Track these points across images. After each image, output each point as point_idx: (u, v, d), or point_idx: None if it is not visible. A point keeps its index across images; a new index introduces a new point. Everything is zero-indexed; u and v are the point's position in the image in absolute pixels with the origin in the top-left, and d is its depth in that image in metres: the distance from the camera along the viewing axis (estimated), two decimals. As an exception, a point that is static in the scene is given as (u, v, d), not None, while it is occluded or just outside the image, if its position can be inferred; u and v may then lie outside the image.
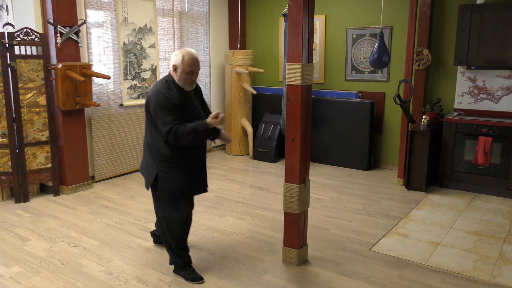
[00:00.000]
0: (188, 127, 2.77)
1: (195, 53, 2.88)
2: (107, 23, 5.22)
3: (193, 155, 2.97)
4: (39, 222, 4.08)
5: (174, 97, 2.82)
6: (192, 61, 2.84)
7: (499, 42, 4.73)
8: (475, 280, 3.07)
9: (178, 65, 2.85)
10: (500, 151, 4.75)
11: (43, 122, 4.69)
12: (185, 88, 2.91)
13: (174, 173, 2.92)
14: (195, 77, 2.89)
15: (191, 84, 2.91)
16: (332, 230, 3.94)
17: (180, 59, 2.84)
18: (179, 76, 2.86)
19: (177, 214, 3.03)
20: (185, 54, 2.84)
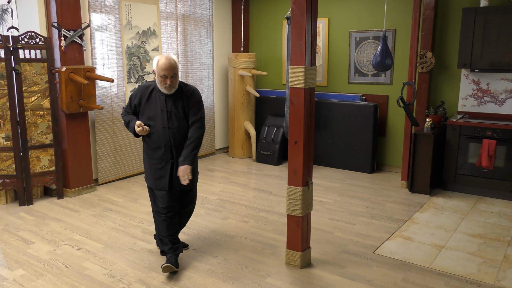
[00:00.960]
0: (126, 118, 3.19)
1: (172, 58, 3.00)
2: (111, 26, 5.24)
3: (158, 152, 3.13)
4: (42, 225, 4.09)
5: (141, 94, 3.13)
6: (164, 66, 2.96)
7: (503, 45, 4.72)
8: (480, 284, 3.05)
9: (155, 69, 3.02)
10: (504, 154, 4.73)
11: (47, 125, 4.70)
12: (163, 91, 3.07)
13: (146, 162, 3.23)
14: (170, 81, 3.00)
15: (169, 88, 3.03)
16: (335, 233, 3.93)
17: (156, 63, 3.00)
18: (157, 79, 3.04)
19: (154, 205, 3.29)
20: (160, 58, 3.00)
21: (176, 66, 3.02)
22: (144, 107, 3.15)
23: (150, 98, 3.13)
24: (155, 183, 3.18)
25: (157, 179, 3.17)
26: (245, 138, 6.75)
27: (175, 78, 3.03)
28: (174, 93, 3.11)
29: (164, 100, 3.10)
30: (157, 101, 3.11)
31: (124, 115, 3.27)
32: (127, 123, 3.20)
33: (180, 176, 3.04)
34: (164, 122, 3.09)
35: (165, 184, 3.15)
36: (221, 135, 7.17)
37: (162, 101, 3.10)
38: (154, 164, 3.17)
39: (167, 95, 3.10)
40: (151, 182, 3.21)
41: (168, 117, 3.10)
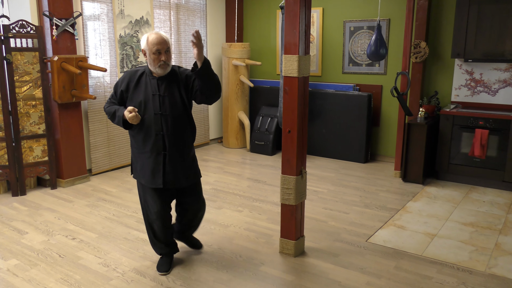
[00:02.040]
0: (111, 108, 2.87)
1: (162, 33, 2.75)
2: (103, 15, 5.19)
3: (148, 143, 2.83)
4: (36, 215, 4.08)
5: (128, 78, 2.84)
6: (156, 40, 2.69)
7: (497, 35, 4.73)
8: (471, 271, 3.09)
9: (145, 48, 2.73)
10: (496, 143, 4.76)
11: (40, 115, 4.67)
12: (157, 72, 2.76)
13: (136, 159, 2.94)
14: (165, 57, 2.72)
15: (164, 66, 2.74)
16: (329, 222, 3.96)
17: (145, 40, 2.72)
18: (149, 59, 2.74)
19: (145, 207, 3.02)
20: (150, 35, 2.73)
21: (168, 40, 2.76)
22: (133, 92, 2.82)
23: (140, 82, 2.82)
24: (149, 181, 2.86)
25: (151, 176, 2.85)
26: (239, 128, 6.75)
27: (169, 53, 2.76)
28: (167, 76, 2.81)
29: (156, 83, 2.80)
30: (148, 85, 2.80)
31: (107, 106, 2.91)
32: (112, 113, 2.85)
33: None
34: (156, 108, 2.78)
35: (159, 180, 2.85)
36: (215, 125, 7.16)
37: (154, 85, 2.80)
38: (145, 158, 2.85)
39: (159, 79, 2.80)
40: (146, 179, 2.87)
41: (161, 102, 2.78)
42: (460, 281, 2.96)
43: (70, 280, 2.94)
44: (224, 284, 2.91)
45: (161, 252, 3.12)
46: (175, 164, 2.87)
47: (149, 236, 3.09)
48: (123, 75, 2.91)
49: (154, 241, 3.09)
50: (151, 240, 3.11)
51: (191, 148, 2.98)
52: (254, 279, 2.98)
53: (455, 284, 2.92)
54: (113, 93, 2.93)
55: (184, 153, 2.91)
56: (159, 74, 2.79)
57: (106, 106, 2.94)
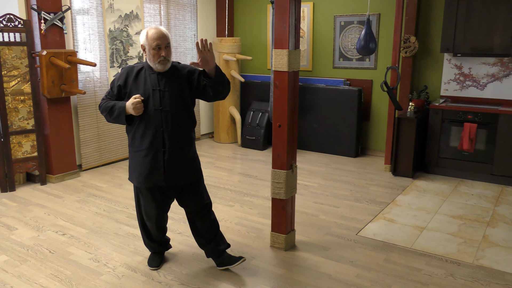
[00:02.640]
0: (108, 104, 2.72)
1: (162, 28, 2.66)
2: (93, 9, 5.15)
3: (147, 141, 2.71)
4: (25, 211, 4.06)
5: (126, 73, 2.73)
6: (156, 35, 2.60)
7: (485, 29, 4.77)
8: (459, 263, 3.13)
9: (145, 44, 2.64)
10: (485, 137, 4.82)
11: (28, 110, 4.63)
12: (157, 68, 2.67)
13: (132, 158, 2.81)
14: (165, 53, 2.63)
15: (164, 62, 2.65)
16: (319, 215, 3.98)
17: (145, 36, 2.63)
18: (148, 55, 2.65)
19: (139, 209, 2.95)
20: (149, 30, 2.63)
21: (168, 35, 2.67)
22: (131, 87, 2.71)
23: (138, 77, 2.71)
24: (145, 179, 2.73)
25: (147, 174, 2.72)
26: (230, 123, 6.74)
27: (169, 49, 2.66)
28: (168, 71, 2.71)
29: (156, 78, 2.69)
30: (148, 80, 2.69)
31: (103, 104, 2.76)
32: (109, 108, 2.69)
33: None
34: (156, 103, 2.67)
35: (158, 178, 2.72)
36: (206, 120, 7.15)
37: (154, 79, 2.69)
38: (142, 156, 2.72)
39: (159, 74, 2.70)
40: (140, 179, 2.75)
41: (161, 97, 2.68)
42: (448, 272, 3.00)
43: (61, 276, 2.93)
44: (215, 278, 2.92)
45: (154, 251, 3.12)
46: (174, 161, 2.74)
47: (142, 236, 3.07)
48: (120, 72, 2.79)
49: (147, 241, 3.07)
50: (144, 240, 3.09)
51: (191, 145, 2.84)
52: (245, 273, 2.99)
53: (443, 275, 2.96)
54: (110, 89, 2.79)
55: (184, 150, 2.78)
56: (158, 70, 2.70)
57: (101, 103, 2.77)
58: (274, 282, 2.88)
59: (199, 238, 3.01)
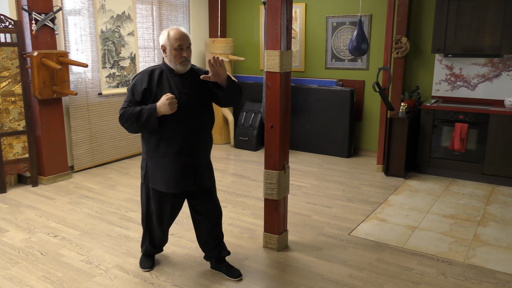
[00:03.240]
0: (133, 110, 2.58)
1: (183, 28, 2.62)
2: (84, 10, 5.12)
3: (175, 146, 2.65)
4: (17, 213, 4.03)
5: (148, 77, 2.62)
6: (179, 35, 2.56)
7: (475, 30, 4.81)
8: (450, 262, 3.16)
9: (166, 44, 2.59)
10: (475, 137, 4.86)
11: (19, 112, 4.60)
12: (178, 69, 2.62)
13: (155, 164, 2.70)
14: (186, 53, 2.60)
15: (185, 63, 2.61)
16: (312, 216, 3.99)
17: (166, 36, 2.58)
18: (169, 56, 2.60)
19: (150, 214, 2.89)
20: (170, 30, 2.59)
21: (189, 36, 2.67)
22: (156, 91, 2.60)
23: (161, 80, 2.62)
24: (175, 185, 2.67)
25: (177, 180, 2.66)
26: (223, 124, 6.74)
27: (190, 50, 2.62)
28: (188, 74, 2.67)
29: (179, 81, 2.63)
30: (171, 83, 2.62)
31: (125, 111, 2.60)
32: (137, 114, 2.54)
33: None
34: (183, 106, 2.60)
35: (189, 183, 2.68)
36: (199, 121, 7.12)
37: (177, 82, 2.63)
38: (170, 161, 2.64)
39: (182, 76, 2.65)
40: (169, 185, 2.68)
41: (188, 100, 2.63)
42: (440, 271, 3.02)
43: (52, 278, 2.91)
44: (208, 280, 2.91)
45: (149, 254, 3.09)
46: (201, 164, 2.74)
47: (144, 240, 3.02)
48: (138, 76, 2.67)
49: (148, 246, 3.03)
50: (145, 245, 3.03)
51: (211, 147, 2.86)
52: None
53: (434, 274, 2.98)
54: (131, 96, 2.63)
55: (207, 153, 2.80)
56: (179, 71, 2.64)
57: (123, 112, 2.61)
58: (266, 283, 2.88)
59: (205, 245, 2.99)
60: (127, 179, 5.01)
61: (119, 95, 5.64)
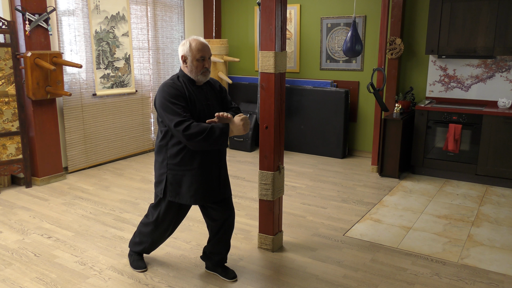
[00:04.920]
0: (203, 126, 2.47)
1: (203, 39, 2.64)
2: (78, 10, 5.11)
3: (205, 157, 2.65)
4: (10, 214, 4.00)
5: (182, 90, 2.56)
6: (201, 46, 2.58)
7: (469, 31, 4.84)
8: (444, 262, 3.17)
9: (187, 54, 2.58)
10: (469, 138, 4.89)
11: (13, 112, 4.57)
12: (199, 80, 2.63)
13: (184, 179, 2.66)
14: (208, 64, 2.62)
15: (205, 73, 2.62)
16: (307, 217, 4.00)
17: (188, 47, 2.58)
18: (190, 66, 2.59)
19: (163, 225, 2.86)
20: (192, 41, 2.59)
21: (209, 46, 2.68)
22: (189, 103, 2.58)
23: (189, 92, 2.59)
24: (203, 197, 2.68)
25: (205, 192, 2.67)
26: (218, 124, 6.72)
27: (210, 61, 2.65)
28: (207, 84, 2.71)
29: (203, 92, 2.65)
30: (196, 95, 2.61)
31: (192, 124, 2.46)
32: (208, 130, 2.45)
33: (240, 124, 2.54)
34: (209, 118, 2.60)
35: (214, 194, 2.72)
36: (194, 122, 7.11)
37: (200, 93, 2.64)
38: (197, 174, 2.63)
39: (201, 87, 2.66)
40: (197, 198, 2.66)
41: (212, 111, 2.65)
42: (434, 272, 3.03)
43: (46, 279, 2.90)
44: (203, 280, 2.91)
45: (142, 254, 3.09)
46: (225, 175, 2.80)
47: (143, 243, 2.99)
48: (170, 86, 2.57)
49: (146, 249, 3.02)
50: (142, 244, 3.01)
51: None
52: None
53: (429, 275, 2.99)
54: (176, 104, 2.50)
55: (226, 162, 2.83)
56: (200, 82, 2.65)
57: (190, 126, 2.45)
58: (261, 283, 2.88)
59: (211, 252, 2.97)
60: (122, 180, 5.00)
61: (114, 96, 5.62)
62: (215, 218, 2.85)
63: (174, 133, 2.52)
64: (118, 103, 5.68)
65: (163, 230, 2.90)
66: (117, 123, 5.70)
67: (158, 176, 2.74)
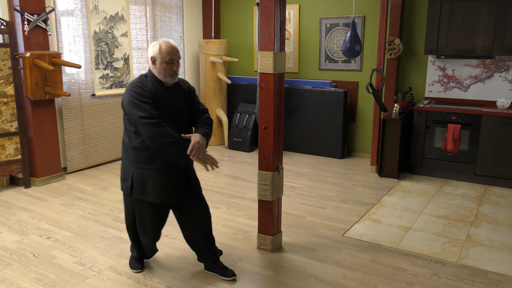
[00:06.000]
0: (168, 131, 2.52)
1: (173, 42, 2.69)
2: (77, 10, 5.10)
3: None
4: (9, 214, 4.00)
5: (149, 89, 2.59)
6: (171, 49, 2.63)
7: (467, 31, 4.85)
8: (443, 262, 3.17)
9: (156, 56, 2.62)
10: (468, 138, 4.89)
11: (12, 113, 4.57)
12: (167, 82, 2.66)
13: (150, 177, 2.68)
14: (176, 67, 2.66)
15: (173, 75, 2.66)
16: (306, 217, 4.00)
17: (158, 48, 2.62)
18: (159, 68, 2.63)
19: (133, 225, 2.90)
20: (162, 43, 2.63)
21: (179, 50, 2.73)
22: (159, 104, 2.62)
23: (156, 92, 2.62)
24: (169, 195, 2.71)
25: (171, 190, 2.71)
26: (217, 125, 6.73)
27: (179, 64, 2.68)
28: (176, 86, 2.74)
29: (169, 93, 2.68)
30: (162, 96, 2.64)
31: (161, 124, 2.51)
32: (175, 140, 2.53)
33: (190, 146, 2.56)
34: (177, 118, 2.68)
35: (181, 192, 2.76)
36: (193, 122, 7.11)
37: (167, 94, 2.67)
38: (164, 172, 2.66)
39: (169, 88, 2.69)
40: (162, 196, 2.69)
41: (179, 112, 2.71)
42: (433, 272, 3.03)
43: (45, 280, 2.90)
44: (202, 281, 2.91)
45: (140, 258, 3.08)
46: (191, 174, 2.86)
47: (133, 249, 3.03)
48: (137, 83, 2.62)
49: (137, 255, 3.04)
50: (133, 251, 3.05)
51: None
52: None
53: (428, 275, 2.99)
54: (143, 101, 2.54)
55: (193, 162, 2.80)
56: (167, 84, 2.68)
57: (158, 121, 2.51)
58: (260, 284, 2.88)
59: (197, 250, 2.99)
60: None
61: (113, 96, 5.61)
62: (189, 212, 2.86)
63: (140, 127, 2.52)
64: (117, 103, 5.67)
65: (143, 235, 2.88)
66: (116, 124, 5.70)
67: (124, 173, 2.77)
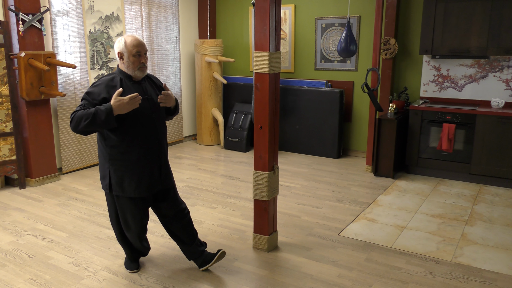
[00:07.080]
0: (88, 110, 2.51)
1: (138, 36, 2.68)
2: (72, 10, 5.09)
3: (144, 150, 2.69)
4: (4, 215, 3.98)
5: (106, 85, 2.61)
6: (136, 42, 2.63)
7: (462, 31, 4.87)
8: (438, 261, 3.19)
9: (123, 51, 2.64)
10: (463, 137, 4.91)
11: (7, 113, 4.55)
12: (136, 75, 2.68)
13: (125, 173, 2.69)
14: (144, 60, 2.68)
15: (143, 69, 2.69)
16: (302, 216, 4.00)
17: (123, 43, 2.63)
18: (127, 62, 2.65)
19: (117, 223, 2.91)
20: (127, 37, 2.65)
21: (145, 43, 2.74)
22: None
23: (123, 88, 2.61)
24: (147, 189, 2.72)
25: (148, 183, 2.72)
26: (213, 125, 6.73)
27: (147, 56, 2.72)
28: (146, 80, 2.77)
29: (140, 87, 2.70)
30: (133, 90, 2.64)
31: (79, 111, 2.54)
32: (92, 114, 2.47)
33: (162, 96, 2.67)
34: (148, 112, 2.68)
35: (157, 185, 2.77)
36: (189, 123, 7.12)
37: (138, 88, 2.68)
38: (140, 166, 2.68)
39: (139, 82, 2.71)
40: (140, 190, 2.70)
41: (150, 105, 2.70)
42: (428, 270, 3.05)
43: (40, 280, 2.89)
44: (197, 281, 2.91)
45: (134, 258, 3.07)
46: (166, 166, 2.86)
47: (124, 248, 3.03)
48: (99, 83, 2.66)
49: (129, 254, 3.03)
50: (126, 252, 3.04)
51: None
52: (227, 274, 2.99)
53: (423, 273, 3.01)
54: (87, 102, 2.58)
55: (167, 153, 2.90)
56: (137, 77, 2.70)
57: (77, 113, 2.54)
58: (256, 283, 2.89)
59: (181, 244, 3.00)
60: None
61: (108, 96, 5.59)
62: (166, 214, 2.90)
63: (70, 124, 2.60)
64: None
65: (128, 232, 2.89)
66: (111, 124, 5.68)
67: (102, 171, 2.78)
